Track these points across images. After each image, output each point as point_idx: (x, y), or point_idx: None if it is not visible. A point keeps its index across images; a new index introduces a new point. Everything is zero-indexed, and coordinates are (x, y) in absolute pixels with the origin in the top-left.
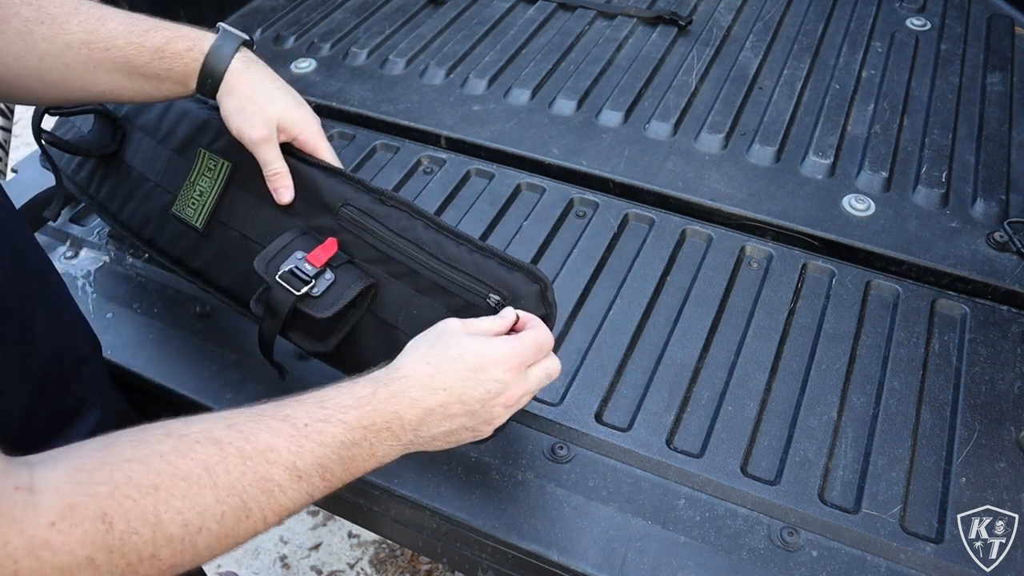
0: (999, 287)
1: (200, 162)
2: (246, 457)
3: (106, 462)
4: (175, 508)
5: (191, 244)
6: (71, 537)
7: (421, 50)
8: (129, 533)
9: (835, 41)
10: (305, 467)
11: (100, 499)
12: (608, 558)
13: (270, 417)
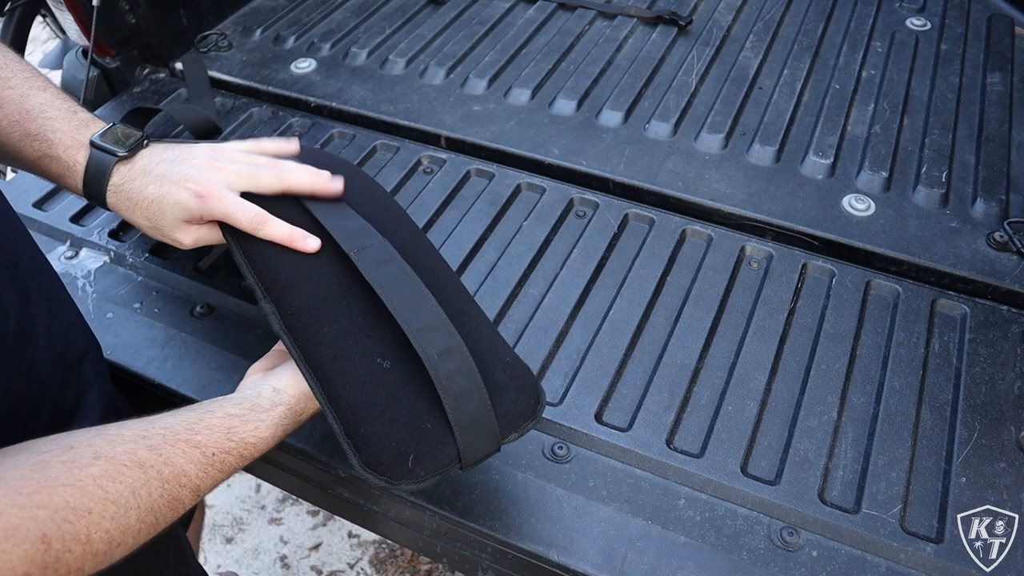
0: (999, 287)
1: None
2: (164, 480)
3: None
4: (104, 528)
5: None
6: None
7: (421, 50)
8: (63, 552)
9: (835, 41)
10: (206, 488)
11: (40, 522)
12: (608, 558)
13: (184, 443)
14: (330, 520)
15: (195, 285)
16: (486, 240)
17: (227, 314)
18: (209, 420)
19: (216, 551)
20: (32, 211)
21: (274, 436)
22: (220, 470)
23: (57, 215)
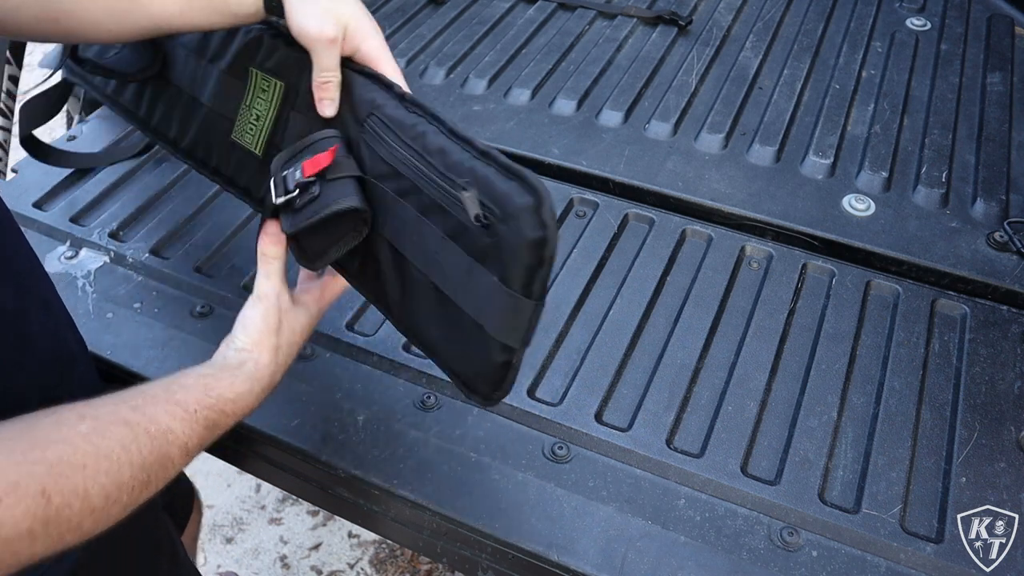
0: (999, 287)
1: (253, 82)
2: (152, 437)
3: (35, 443)
4: (100, 483)
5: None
6: (16, 512)
7: (421, 50)
8: (63, 507)
9: (835, 41)
10: (194, 446)
11: (38, 477)
12: (608, 558)
13: (164, 401)
14: (330, 520)
15: (195, 285)
16: None
17: (227, 314)
18: (184, 381)
19: (216, 551)
20: (32, 211)
21: (251, 391)
22: (206, 427)
23: (57, 215)
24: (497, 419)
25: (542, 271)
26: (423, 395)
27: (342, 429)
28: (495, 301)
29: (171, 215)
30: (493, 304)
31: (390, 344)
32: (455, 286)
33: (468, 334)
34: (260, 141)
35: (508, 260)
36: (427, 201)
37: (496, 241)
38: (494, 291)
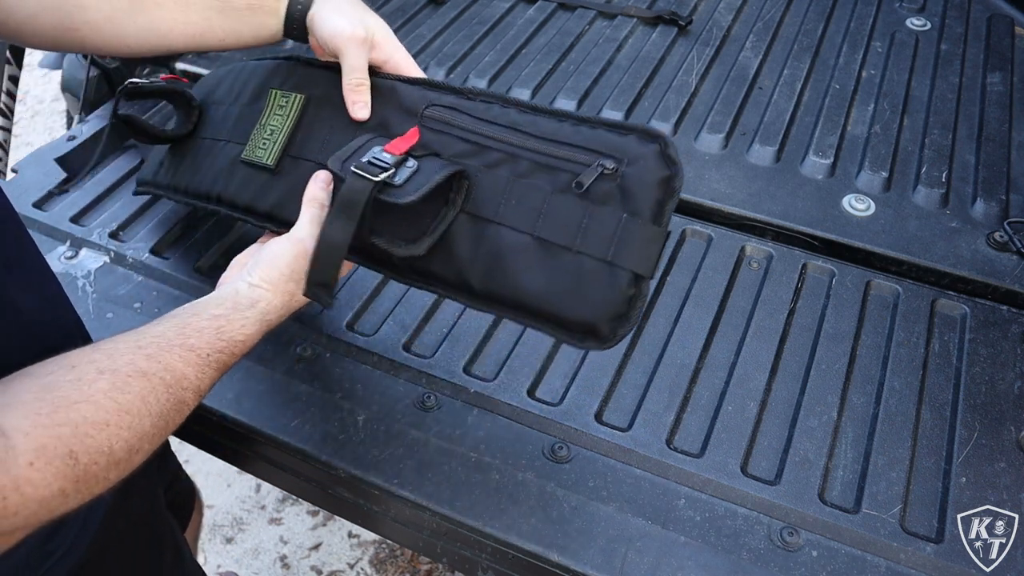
0: (999, 287)
1: (271, 101)
2: (168, 386)
3: (58, 405)
4: (123, 438)
5: (261, 186)
6: (47, 473)
7: (421, 50)
8: (90, 464)
9: (835, 41)
10: (205, 387)
11: (65, 439)
12: (608, 558)
13: (178, 347)
14: (330, 520)
15: (195, 285)
16: None
17: None
18: (197, 323)
19: (216, 551)
20: (32, 211)
21: (259, 331)
22: (216, 369)
23: (57, 215)
24: (497, 419)
25: (671, 203)
26: (423, 395)
27: (342, 429)
28: (627, 234)
29: (171, 215)
30: (625, 238)
31: (390, 344)
32: (572, 234)
33: (588, 277)
34: (273, 152)
35: (639, 197)
36: (525, 166)
37: (620, 184)
38: (625, 225)
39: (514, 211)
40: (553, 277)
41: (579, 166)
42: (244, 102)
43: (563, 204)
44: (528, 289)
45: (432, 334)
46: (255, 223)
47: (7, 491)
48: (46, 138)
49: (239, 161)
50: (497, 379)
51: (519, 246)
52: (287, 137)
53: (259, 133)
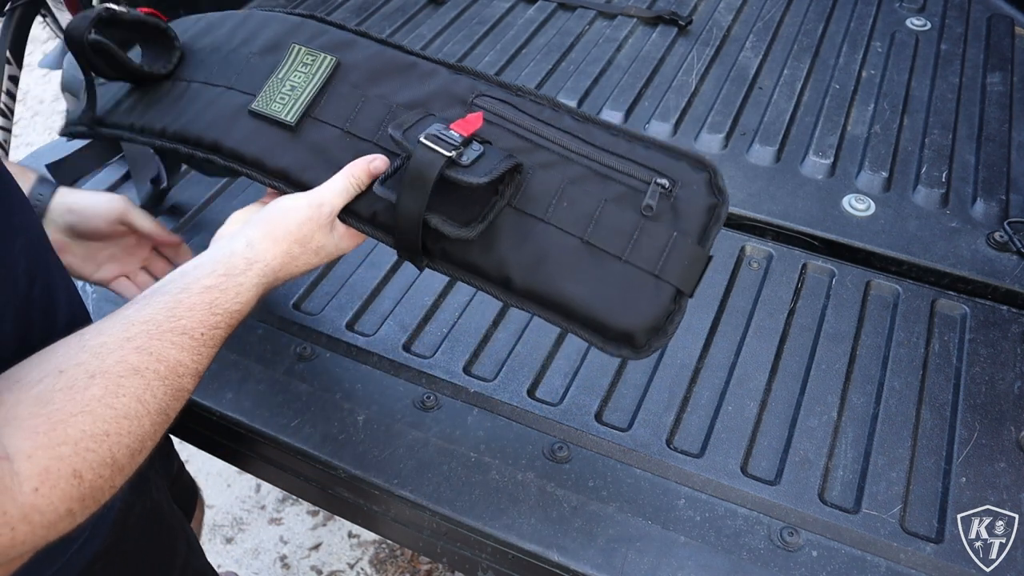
0: (999, 287)
1: (293, 57)
2: (163, 378)
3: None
4: (124, 444)
5: (275, 141)
6: (53, 498)
7: (421, 50)
8: (96, 479)
9: (835, 41)
10: (204, 367)
11: (67, 459)
12: (608, 558)
13: (169, 332)
14: (330, 520)
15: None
16: None
17: None
18: (188, 300)
19: (216, 551)
20: None
21: (256, 295)
22: (212, 346)
23: None
24: (497, 419)
25: (716, 228)
26: (423, 395)
27: (342, 429)
28: (676, 251)
29: (171, 215)
30: (674, 254)
31: (390, 344)
32: (622, 244)
33: (634, 286)
34: (294, 109)
35: (689, 218)
36: (578, 171)
37: (672, 203)
38: (675, 243)
39: (565, 213)
40: (599, 282)
41: (634, 179)
42: (253, 51)
43: (616, 213)
44: (572, 291)
45: (432, 334)
46: (260, 178)
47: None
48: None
49: (247, 111)
50: (497, 379)
51: (567, 248)
52: (311, 97)
53: (275, 87)
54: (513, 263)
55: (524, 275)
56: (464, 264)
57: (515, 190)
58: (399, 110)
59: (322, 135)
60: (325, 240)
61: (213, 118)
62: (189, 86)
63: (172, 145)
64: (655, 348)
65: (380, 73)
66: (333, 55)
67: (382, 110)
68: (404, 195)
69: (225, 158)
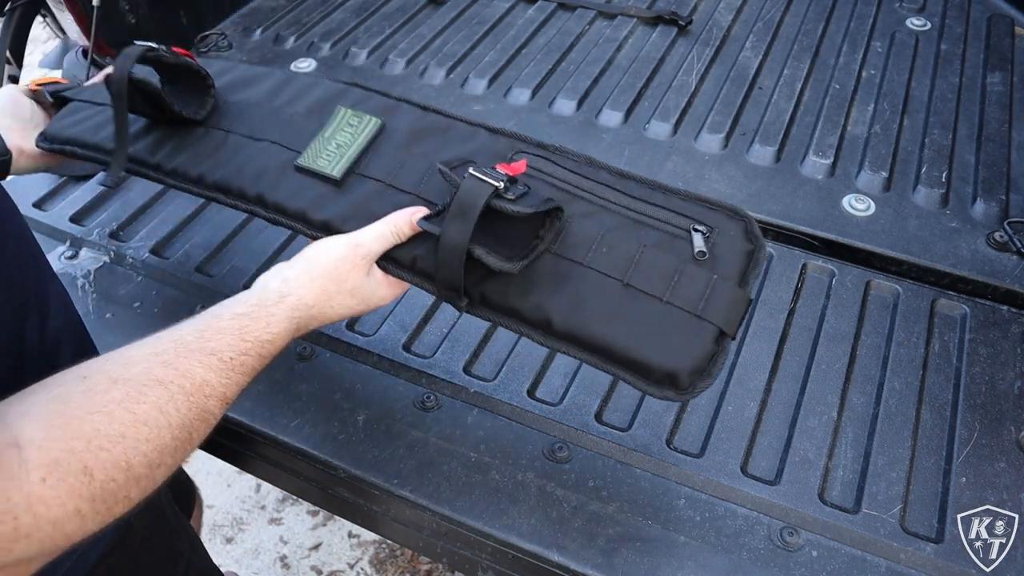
0: (999, 287)
1: (340, 118)
2: (188, 394)
3: (71, 416)
4: (142, 452)
5: (320, 195)
6: (60, 491)
7: (421, 50)
8: (107, 481)
9: (835, 41)
10: (232, 394)
11: (78, 453)
12: (608, 558)
13: (198, 352)
14: (330, 520)
15: (195, 285)
16: None
17: None
18: (218, 325)
19: (216, 551)
20: (32, 211)
21: (288, 329)
22: (242, 373)
23: (57, 215)
24: (497, 419)
25: (755, 273)
26: (423, 395)
27: (342, 429)
28: (717, 293)
29: (171, 215)
30: (715, 295)
31: (390, 344)
32: (663, 286)
33: (677, 326)
34: (340, 165)
35: (728, 263)
36: (616, 221)
37: (711, 248)
38: (715, 285)
39: (605, 257)
40: (641, 323)
41: (672, 227)
42: (298, 111)
43: (657, 257)
44: (614, 332)
45: (432, 334)
46: (303, 229)
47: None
48: None
49: (292, 166)
50: (497, 379)
51: (607, 291)
52: (357, 154)
53: (321, 144)
54: (553, 306)
55: (564, 318)
56: (504, 308)
57: (555, 236)
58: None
59: (365, 189)
60: (361, 282)
61: (257, 171)
62: (228, 136)
63: (211, 194)
64: (699, 390)
65: (422, 134)
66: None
67: (424, 165)
68: (449, 226)
69: (269, 211)
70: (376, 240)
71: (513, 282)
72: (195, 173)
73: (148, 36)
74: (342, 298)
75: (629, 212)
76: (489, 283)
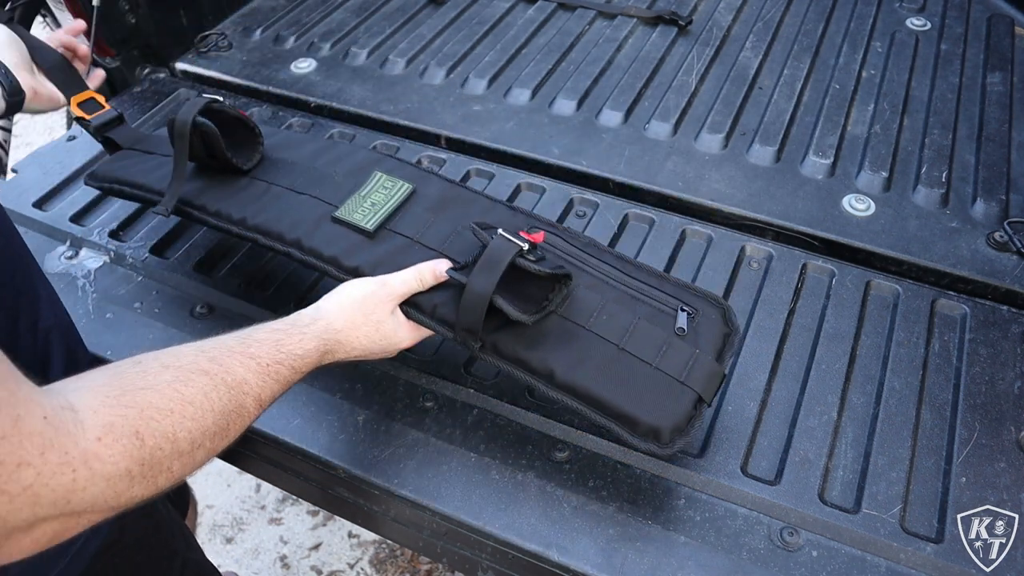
0: (999, 287)
1: (376, 181)
2: (229, 387)
3: (125, 389)
4: (187, 428)
5: (352, 244)
6: (115, 451)
7: (421, 50)
8: (155, 448)
9: (835, 41)
10: (266, 398)
11: (131, 419)
12: (608, 558)
13: (239, 354)
14: (330, 520)
15: (195, 285)
16: None
17: (227, 314)
18: (257, 335)
19: (216, 551)
20: (32, 211)
21: (317, 349)
22: (276, 380)
23: (57, 215)
24: (497, 419)
25: (729, 352)
26: (423, 395)
27: (342, 429)
28: (699, 363)
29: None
30: (696, 366)
31: None
32: (653, 353)
33: (663, 388)
34: (374, 220)
35: (708, 340)
36: (615, 294)
37: (695, 327)
38: (698, 357)
39: (604, 324)
40: (632, 383)
41: (663, 305)
42: (338, 171)
43: (649, 329)
44: (609, 388)
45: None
46: (334, 273)
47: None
48: (46, 138)
49: (329, 217)
50: (497, 378)
51: (605, 352)
52: (389, 212)
53: (358, 202)
54: (557, 361)
55: (566, 372)
56: (513, 357)
57: (563, 300)
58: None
59: (395, 243)
60: (385, 318)
61: (296, 220)
62: (271, 187)
63: (250, 235)
64: (677, 447)
65: (448, 202)
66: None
67: (449, 228)
68: (476, 275)
69: (304, 253)
70: (403, 284)
71: (523, 336)
72: (238, 216)
73: (148, 36)
74: (368, 329)
75: (627, 288)
76: (501, 334)
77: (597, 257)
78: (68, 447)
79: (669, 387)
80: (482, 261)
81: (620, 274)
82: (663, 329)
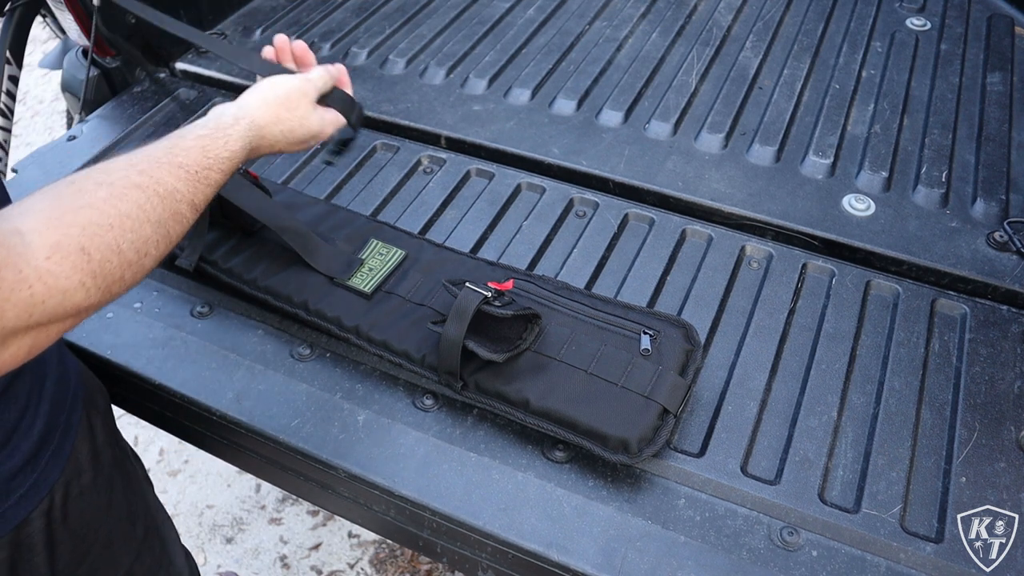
0: (999, 287)
1: (372, 247)
2: (162, 197)
3: (66, 209)
4: (129, 240)
5: (352, 306)
6: (65, 266)
7: (421, 50)
8: (103, 262)
9: (835, 41)
10: (199, 202)
11: (75, 237)
12: (608, 558)
13: (167, 164)
14: (330, 520)
15: (195, 285)
16: (486, 240)
17: (227, 314)
18: (184, 144)
19: (216, 551)
20: None
21: (243, 148)
22: (207, 185)
23: None
24: (497, 419)
25: (692, 367)
26: (423, 395)
27: (342, 429)
28: (661, 379)
29: None
30: (660, 381)
31: None
32: (619, 374)
33: (629, 405)
34: (371, 283)
35: (670, 357)
36: (583, 327)
37: (658, 347)
38: (660, 373)
39: (574, 354)
40: (600, 403)
41: (627, 331)
42: (340, 237)
43: (614, 353)
44: (578, 410)
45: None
46: (336, 332)
47: (31, 280)
48: (46, 138)
49: (335, 282)
50: None
51: (574, 378)
52: (384, 276)
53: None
54: (531, 390)
55: (539, 399)
56: (492, 392)
57: (535, 338)
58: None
59: (389, 303)
60: (309, 112)
61: (302, 283)
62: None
63: (261, 296)
64: (647, 455)
65: (436, 264)
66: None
67: (434, 285)
68: (449, 324)
69: (310, 315)
70: (320, 79)
71: (501, 373)
72: (249, 276)
73: (148, 36)
74: (291, 123)
75: (595, 321)
76: (481, 374)
77: (567, 297)
78: (20, 266)
79: (634, 403)
80: (452, 312)
81: (589, 309)
82: (628, 352)
